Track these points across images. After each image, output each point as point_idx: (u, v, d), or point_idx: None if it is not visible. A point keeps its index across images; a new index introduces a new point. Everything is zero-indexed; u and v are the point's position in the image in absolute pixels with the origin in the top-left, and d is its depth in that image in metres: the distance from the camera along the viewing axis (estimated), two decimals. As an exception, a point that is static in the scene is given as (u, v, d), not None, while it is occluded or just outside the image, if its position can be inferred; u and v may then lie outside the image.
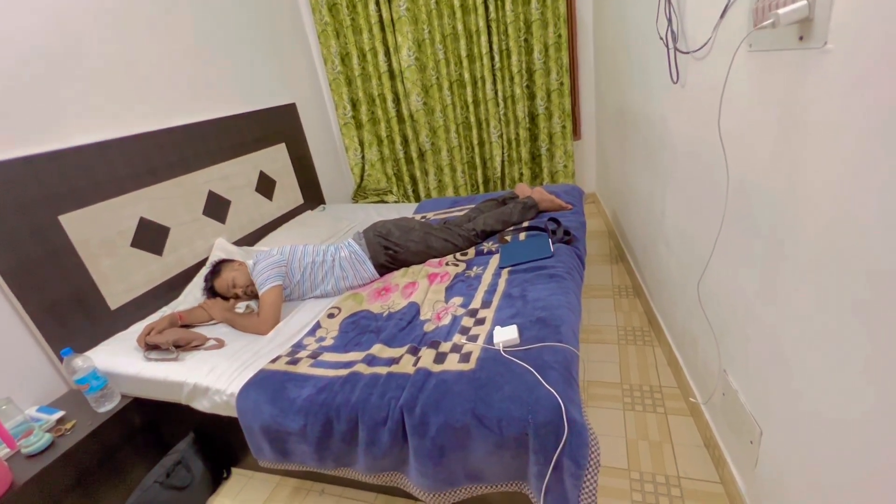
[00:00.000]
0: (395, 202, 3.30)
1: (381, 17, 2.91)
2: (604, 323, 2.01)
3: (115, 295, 1.64)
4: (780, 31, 0.77)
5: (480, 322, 1.36)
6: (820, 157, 0.72)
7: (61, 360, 1.37)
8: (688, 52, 1.23)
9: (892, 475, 0.64)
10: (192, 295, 1.84)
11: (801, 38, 0.72)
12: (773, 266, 0.89)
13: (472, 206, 2.29)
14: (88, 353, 1.51)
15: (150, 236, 1.79)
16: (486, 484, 1.11)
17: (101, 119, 1.68)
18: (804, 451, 0.85)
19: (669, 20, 1.32)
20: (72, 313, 1.51)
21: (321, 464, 1.23)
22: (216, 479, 1.54)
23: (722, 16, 0.99)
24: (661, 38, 1.43)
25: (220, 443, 1.54)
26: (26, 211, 1.40)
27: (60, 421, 1.35)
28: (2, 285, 1.35)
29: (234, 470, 1.59)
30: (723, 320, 1.17)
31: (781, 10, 0.70)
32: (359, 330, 1.49)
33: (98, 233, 1.59)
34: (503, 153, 3.19)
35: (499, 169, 3.21)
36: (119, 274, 1.66)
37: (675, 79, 1.36)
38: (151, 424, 1.51)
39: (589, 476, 0.97)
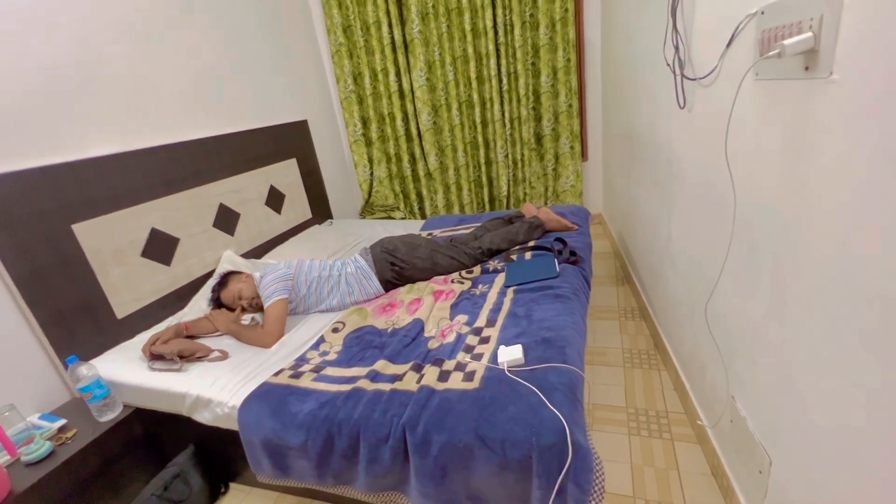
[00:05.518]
0: (402, 219, 3.33)
1: (393, 39, 2.99)
2: (609, 345, 1.99)
3: (123, 304, 1.66)
4: (786, 61, 0.78)
5: (485, 341, 1.36)
6: (827, 183, 0.72)
7: (66, 367, 1.38)
8: (695, 79, 1.25)
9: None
10: (198, 305, 1.85)
11: (806, 68, 0.73)
12: (781, 290, 0.88)
13: (479, 224, 2.30)
14: (93, 362, 1.52)
15: (160, 247, 1.81)
16: (487, 507, 1.09)
17: (119, 131, 1.72)
18: (816, 482, 0.83)
19: (676, 48, 1.35)
20: (79, 321, 1.52)
21: (321, 480, 1.22)
22: (214, 493, 1.52)
23: (728, 45, 1.01)
24: (668, 65, 1.45)
25: (219, 457, 1.53)
26: (41, 219, 1.43)
27: (62, 429, 1.35)
28: (14, 292, 1.37)
29: (232, 485, 1.57)
30: (731, 345, 1.15)
31: (787, 41, 0.72)
32: (363, 345, 1.48)
33: (110, 242, 1.62)
34: (508, 172, 3.22)
35: (504, 188, 3.24)
36: (128, 283, 1.67)
37: (682, 104, 1.38)
38: (152, 436, 1.50)
39: (593, 502, 0.95)
